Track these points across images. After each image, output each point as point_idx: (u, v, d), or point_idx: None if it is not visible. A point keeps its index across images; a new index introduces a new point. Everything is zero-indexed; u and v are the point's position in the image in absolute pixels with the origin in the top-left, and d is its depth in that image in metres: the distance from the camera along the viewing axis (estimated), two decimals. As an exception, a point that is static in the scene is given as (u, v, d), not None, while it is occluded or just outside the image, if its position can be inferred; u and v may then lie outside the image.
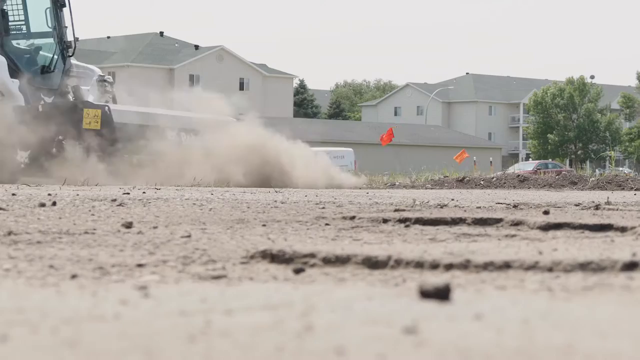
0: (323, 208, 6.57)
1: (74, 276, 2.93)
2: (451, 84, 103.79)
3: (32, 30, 18.34)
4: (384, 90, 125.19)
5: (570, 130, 77.23)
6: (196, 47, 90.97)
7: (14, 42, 17.76)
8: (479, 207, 6.76)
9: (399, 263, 3.23)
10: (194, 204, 7.04)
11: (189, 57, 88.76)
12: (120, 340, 1.74)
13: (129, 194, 8.90)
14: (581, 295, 2.58)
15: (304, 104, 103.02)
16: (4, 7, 17.54)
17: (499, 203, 7.63)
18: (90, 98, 17.53)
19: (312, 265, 3.28)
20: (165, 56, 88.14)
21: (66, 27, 17.99)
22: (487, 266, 3.10)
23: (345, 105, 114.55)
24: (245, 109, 19.22)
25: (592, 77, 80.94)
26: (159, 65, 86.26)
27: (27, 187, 10.97)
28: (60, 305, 2.21)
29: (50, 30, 17.97)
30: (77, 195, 8.29)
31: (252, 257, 3.46)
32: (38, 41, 18.22)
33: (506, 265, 3.10)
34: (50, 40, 18.03)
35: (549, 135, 76.77)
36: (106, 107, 16.44)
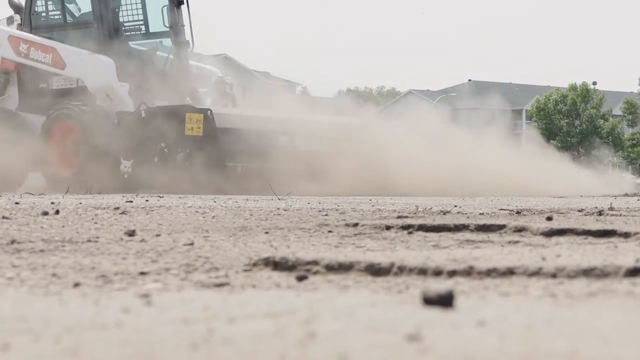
0: (326, 215, 6.57)
1: (76, 284, 2.92)
2: (453, 90, 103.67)
3: (151, 29, 17.38)
4: (387, 96, 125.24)
5: (573, 136, 77.18)
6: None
7: (131, 43, 16.92)
8: (482, 214, 6.75)
9: (402, 270, 3.22)
10: (197, 211, 7.04)
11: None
12: (122, 348, 1.74)
13: (132, 201, 8.90)
14: (585, 301, 2.57)
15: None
16: (117, 8, 16.82)
17: (502, 209, 7.62)
18: (209, 101, 16.68)
19: (315, 273, 3.28)
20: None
21: (183, 25, 17.09)
22: (490, 273, 3.10)
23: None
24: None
25: (595, 83, 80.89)
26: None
27: (31, 196, 10.97)
28: (63, 313, 2.21)
29: (167, 29, 17.04)
30: (80, 203, 8.30)
31: (254, 264, 3.45)
32: (155, 41, 17.29)
33: (509, 272, 3.10)
34: (167, 39, 17.13)
35: (551, 141, 76.72)
36: (208, 111, 15.36)
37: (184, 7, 16.97)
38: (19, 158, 16.04)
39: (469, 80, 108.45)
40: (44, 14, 17.00)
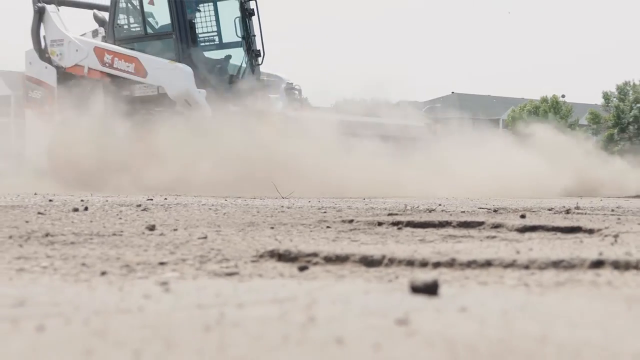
0: (324, 212, 6.56)
1: (103, 273, 2.92)
2: (438, 101, 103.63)
3: (224, 40, 16.87)
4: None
5: (543, 144, 77.11)
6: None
7: (205, 53, 16.44)
8: (463, 212, 6.75)
9: (392, 261, 3.22)
10: (210, 208, 7.03)
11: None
12: (143, 330, 1.73)
13: (152, 200, 8.90)
14: (554, 289, 2.57)
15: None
16: (193, 19, 16.27)
17: (481, 208, 7.62)
18: (280, 105, 16.12)
19: (315, 264, 3.28)
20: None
21: (254, 35, 16.60)
22: (470, 264, 3.09)
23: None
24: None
25: (564, 96, 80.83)
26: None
27: (63, 195, 10.96)
28: (91, 299, 2.21)
29: (240, 39, 16.59)
30: (107, 201, 8.29)
31: (261, 256, 3.45)
32: (228, 51, 16.76)
33: (487, 263, 3.09)
34: (240, 49, 16.65)
35: (525, 147, 76.61)
36: (284, 114, 14.93)
37: (254, 18, 16.55)
38: (104, 160, 15.64)
39: (452, 92, 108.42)
40: (125, 27, 16.59)
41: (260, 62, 16.53)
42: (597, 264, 3.05)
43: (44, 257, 3.35)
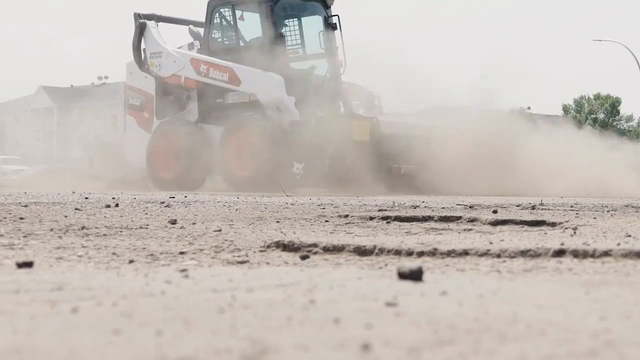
0: (323, 209, 6.55)
1: (131, 261, 2.91)
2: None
3: (307, 52, 16.36)
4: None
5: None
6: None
7: (291, 64, 15.85)
8: (444, 208, 6.73)
9: (382, 251, 3.21)
10: (224, 205, 7.02)
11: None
12: (165, 311, 1.72)
13: (174, 197, 8.88)
14: (522, 275, 2.55)
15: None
16: (282, 32, 15.83)
17: (459, 204, 7.61)
18: (360, 112, 15.48)
19: (315, 253, 3.26)
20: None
21: (337, 47, 16.01)
22: (450, 253, 3.08)
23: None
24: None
25: (529, 107, 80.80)
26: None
27: (96, 193, 10.95)
28: (120, 284, 2.19)
29: (323, 51, 16.03)
30: (135, 199, 8.27)
31: (268, 246, 3.44)
32: (312, 62, 16.17)
33: (465, 253, 3.08)
34: (323, 60, 16.06)
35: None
36: (374, 119, 14.31)
37: (337, 31, 16.02)
38: (199, 162, 15.31)
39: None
40: (219, 40, 16.12)
41: (342, 72, 15.96)
42: (559, 253, 3.03)
43: (80, 247, 3.33)
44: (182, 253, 3.19)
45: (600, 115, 66.91)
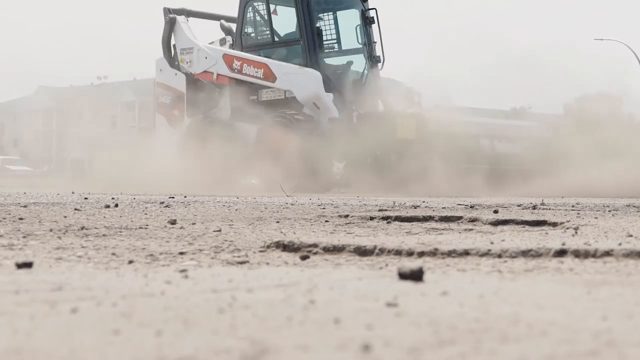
0: (323, 209, 6.55)
1: (130, 261, 2.90)
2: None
3: (344, 47, 15.66)
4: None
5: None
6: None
7: (327, 59, 15.24)
8: (444, 208, 6.73)
9: (382, 251, 3.20)
10: (224, 205, 7.02)
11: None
12: (165, 311, 1.72)
13: (173, 197, 8.88)
14: (523, 275, 2.55)
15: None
16: (319, 26, 15.12)
17: (459, 204, 7.60)
18: (400, 108, 14.67)
19: (315, 253, 3.26)
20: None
21: (375, 42, 15.37)
22: (450, 253, 3.08)
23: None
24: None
25: (530, 107, 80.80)
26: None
27: (96, 193, 10.95)
28: (120, 284, 2.19)
29: (361, 46, 15.36)
30: (134, 199, 8.27)
31: (268, 246, 3.43)
32: (350, 57, 15.51)
33: (465, 253, 3.08)
34: (361, 55, 15.40)
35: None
36: (420, 116, 13.73)
37: (374, 25, 15.39)
38: (232, 161, 14.56)
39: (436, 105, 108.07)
40: (252, 35, 15.53)
41: (380, 68, 15.35)
42: (561, 253, 3.03)
43: (79, 248, 3.33)
44: (181, 253, 3.19)
45: (600, 115, 66.84)
